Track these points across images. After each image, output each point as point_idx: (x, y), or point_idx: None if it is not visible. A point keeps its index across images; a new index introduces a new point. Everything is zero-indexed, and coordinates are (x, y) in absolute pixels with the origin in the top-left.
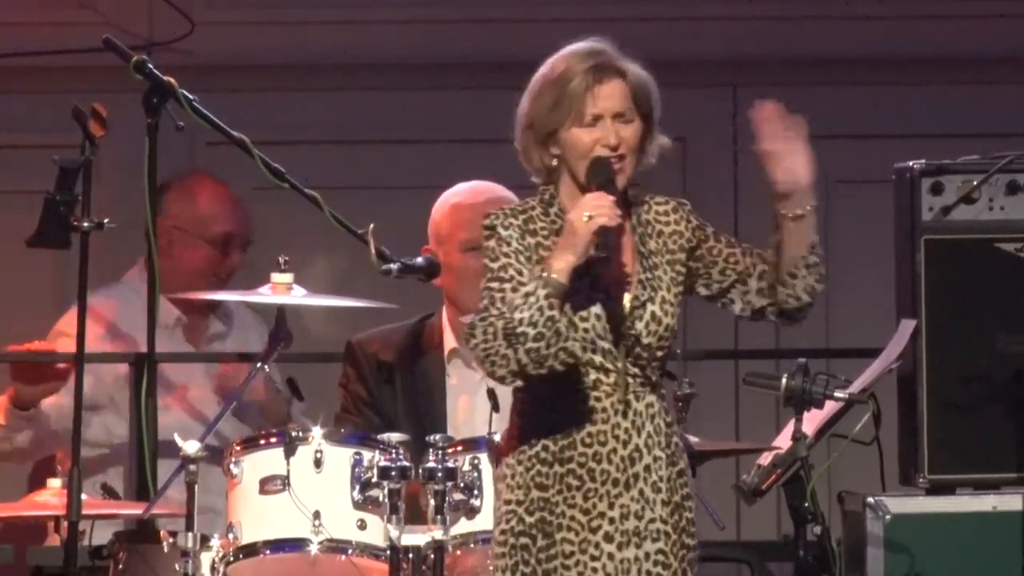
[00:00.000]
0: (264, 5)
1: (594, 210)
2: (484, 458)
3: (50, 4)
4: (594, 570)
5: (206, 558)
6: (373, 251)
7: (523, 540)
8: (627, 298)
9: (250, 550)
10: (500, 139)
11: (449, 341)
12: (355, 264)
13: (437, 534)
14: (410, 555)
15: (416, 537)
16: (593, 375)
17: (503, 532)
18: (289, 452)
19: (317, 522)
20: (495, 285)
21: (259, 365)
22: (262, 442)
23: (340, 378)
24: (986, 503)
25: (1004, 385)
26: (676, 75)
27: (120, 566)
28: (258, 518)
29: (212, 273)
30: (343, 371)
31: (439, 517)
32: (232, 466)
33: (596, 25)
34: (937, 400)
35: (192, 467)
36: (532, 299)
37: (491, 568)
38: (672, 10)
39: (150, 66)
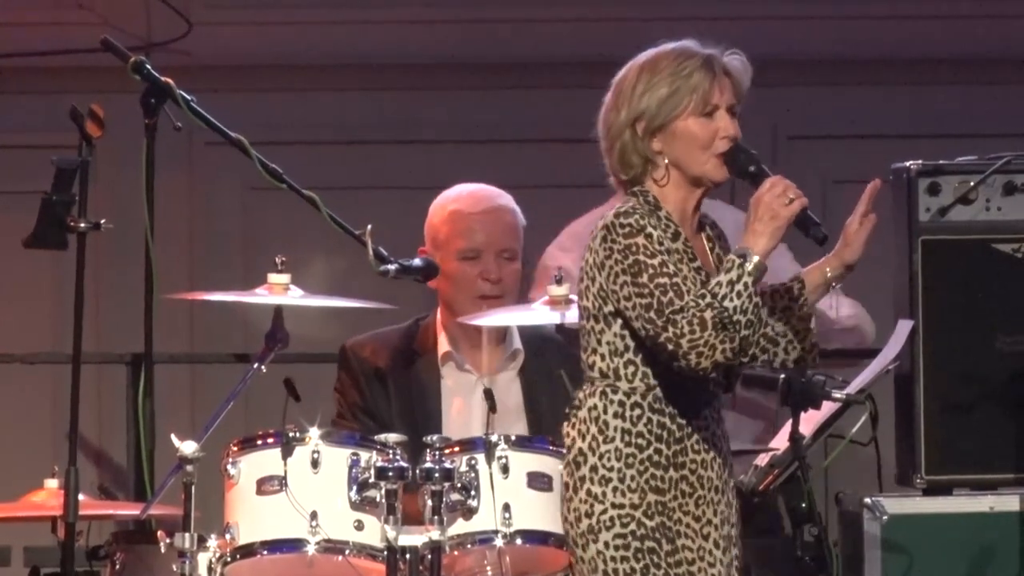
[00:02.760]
0: (262, 6)
1: (792, 191)
2: (481, 458)
3: (48, 4)
4: None
5: (203, 559)
6: (371, 252)
7: (649, 544)
8: None
9: (247, 551)
10: (498, 140)
11: (443, 344)
12: (353, 265)
13: (434, 535)
14: (407, 556)
15: (413, 538)
16: (703, 381)
17: (620, 536)
18: (286, 453)
19: (314, 523)
20: (665, 281)
21: (256, 366)
22: (259, 443)
23: (335, 383)
24: (983, 504)
25: (1001, 385)
26: None
27: (117, 567)
28: (255, 519)
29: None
30: (337, 376)
31: (436, 518)
32: (229, 467)
33: (589, 26)
34: (934, 401)
35: (189, 468)
36: (739, 286)
37: (611, 571)
38: (665, 10)
39: (148, 67)
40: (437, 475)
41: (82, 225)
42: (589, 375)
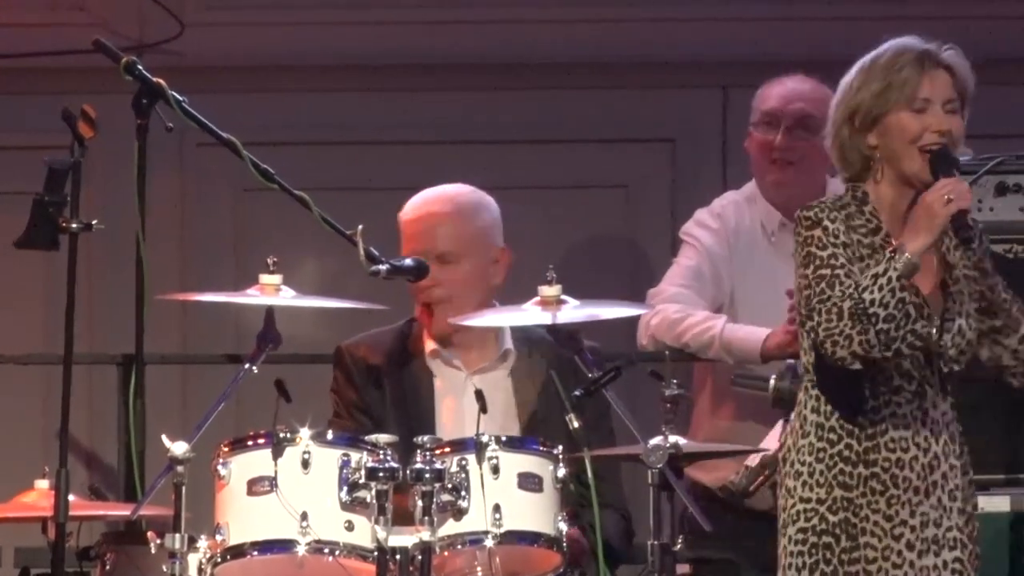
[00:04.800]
0: (254, 7)
1: (952, 193)
2: (472, 459)
3: (40, 5)
4: None
5: (193, 559)
6: (362, 252)
7: (826, 539)
8: (938, 308)
9: (237, 551)
10: (486, 140)
11: (430, 344)
12: (344, 265)
13: (424, 535)
14: (397, 556)
15: (404, 538)
16: (897, 380)
17: (802, 530)
18: (277, 453)
19: (304, 523)
20: (826, 272)
21: (247, 366)
22: (250, 443)
23: (331, 383)
24: None
25: (992, 387)
26: (665, 76)
27: (107, 567)
28: (246, 519)
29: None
30: (333, 376)
31: (426, 518)
32: (220, 467)
33: (587, 27)
34: None
35: (180, 468)
36: (883, 280)
37: (787, 565)
38: (661, 11)
39: (140, 67)
40: (428, 476)
41: (74, 226)
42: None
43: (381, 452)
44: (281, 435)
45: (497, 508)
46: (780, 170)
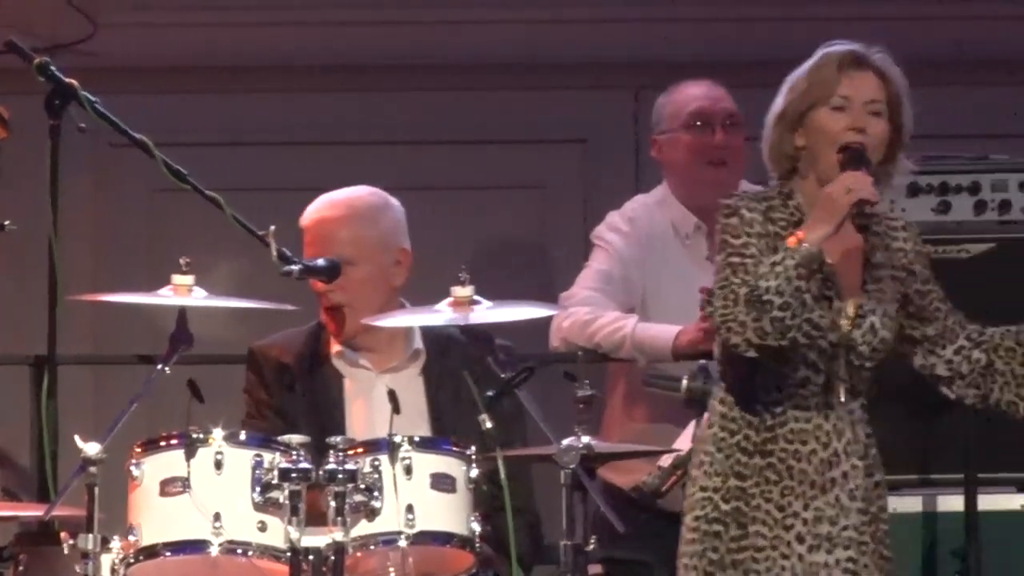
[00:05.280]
0: (167, 7)
1: (854, 184)
2: (385, 459)
3: None
4: (783, 568)
5: (106, 560)
6: (274, 253)
7: (716, 527)
8: (852, 304)
9: (150, 552)
10: (399, 141)
11: (335, 345)
12: (257, 266)
13: (337, 536)
14: (310, 557)
15: (317, 539)
16: (803, 371)
17: (696, 519)
18: (190, 454)
19: (217, 524)
20: (736, 260)
21: (160, 367)
22: (163, 444)
23: (244, 384)
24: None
25: (905, 387)
26: (577, 77)
27: (20, 568)
28: (158, 520)
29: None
30: (246, 377)
31: (339, 519)
32: (133, 468)
33: (500, 28)
34: None
35: (93, 469)
36: (779, 268)
37: (681, 552)
38: (573, 13)
39: (52, 68)
40: (341, 476)
41: None
42: None
43: (294, 453)
44: (194, 436)
45: (410, 508)
46: (716, 169)
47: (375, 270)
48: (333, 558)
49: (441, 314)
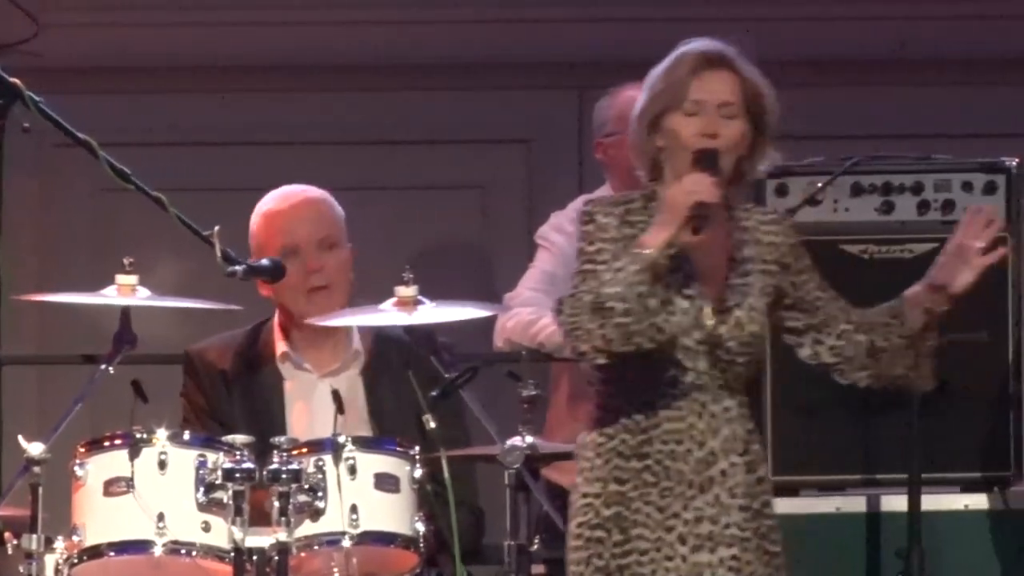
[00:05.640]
0: (111, 8)
1: (694, 186)
2: (329, 460)
3: None
4: (667, 570)
5: (50, 560)
6: (219, 253)
7: (598, 533)
8: (714, 300)
9: (94, 552)
10: (342, 142)
11: (281, 346)
12: (201, 266)
13: (281, 536)
14: (254, 557)
15: (260, 539)
16: (672, 371)
17: (579, 525)
18: (133, 454)
19: (161, 524)
20: (588, 267)
21: (103, 367)
22: (106, 444)
23: (181, 388)
24: (830, 504)
25: (849, 387)
26: (521, 77)
27: None
28: (102, 520)
29: None
30: (183, 381)
31: (283, 519)
32: (76, 468)
33: (443, 28)
34: (782, 401)
35: (36, 469)
36: (622, 274)
37: (568, 560)
38: (516, 12)
39: None
40: (284, 476)
41: None
42: None
43: (238, 453)
44: (138, 436)
45: (354, 509)
46: None
47: (348, 255)
48: (277, 558)
49: (385, 314)
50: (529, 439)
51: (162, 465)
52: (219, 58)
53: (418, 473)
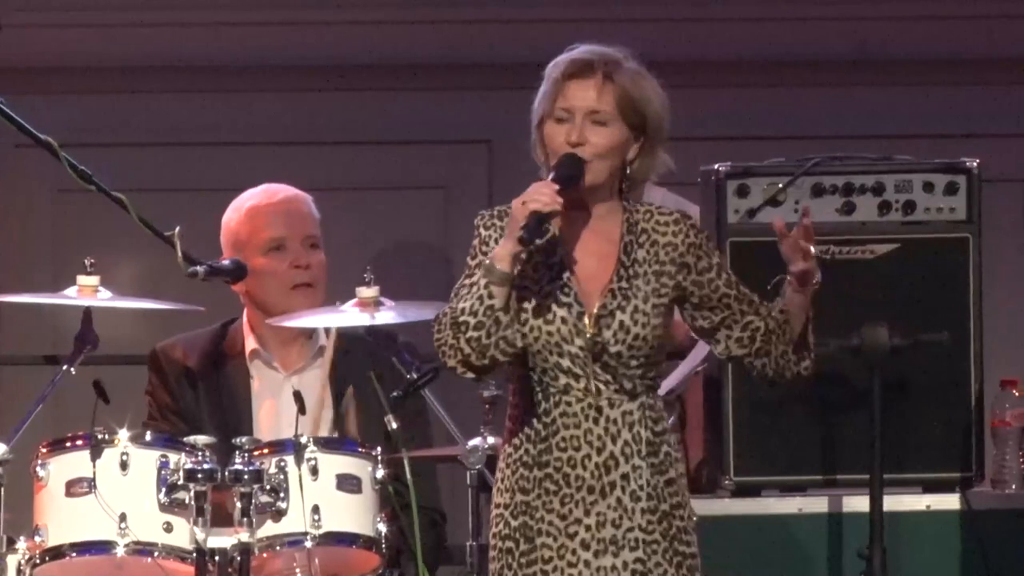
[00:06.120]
0: (72, 8)
1: (532, 195)
2: (290, 460)
3: None
4: None
5: (12, 560)
6: (180, 253)
7: (508, 544)
8: (595, 305)
9: (56, 552)
10: (303, 142)
11: (251, 343)
12: (162, 267)
13: (243, 536)
14: (216, 557)
15: (222, 539)
16: (563, 379)
17: (492, 536)
18: (95, 454)
19: (123, 524)
20: (466, 282)
21: (65, 367)
22: (68, 444)
23: (146, 386)
24: (792, 505)
25: (809, 387)
26: (481, 77)
27: None
28: (64, 520)
29: None
30: (148, 379)
31: (245, 519)
32: (39, 468)
33: (403, 28)
34: (743, 402)
35: None
36: (475, 288)
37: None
38: (476, 13)
39: None
40: (246, 477)
41: None
42: None
43: (199, 453)
44: (99, 436)
45: (316, 509)
46: None
47: (326, 261)
48: (239, 559)
49: (346, 314)
50: (491, 439)
51: (124, 466)
52: (180, 59)
53: (380, 473)
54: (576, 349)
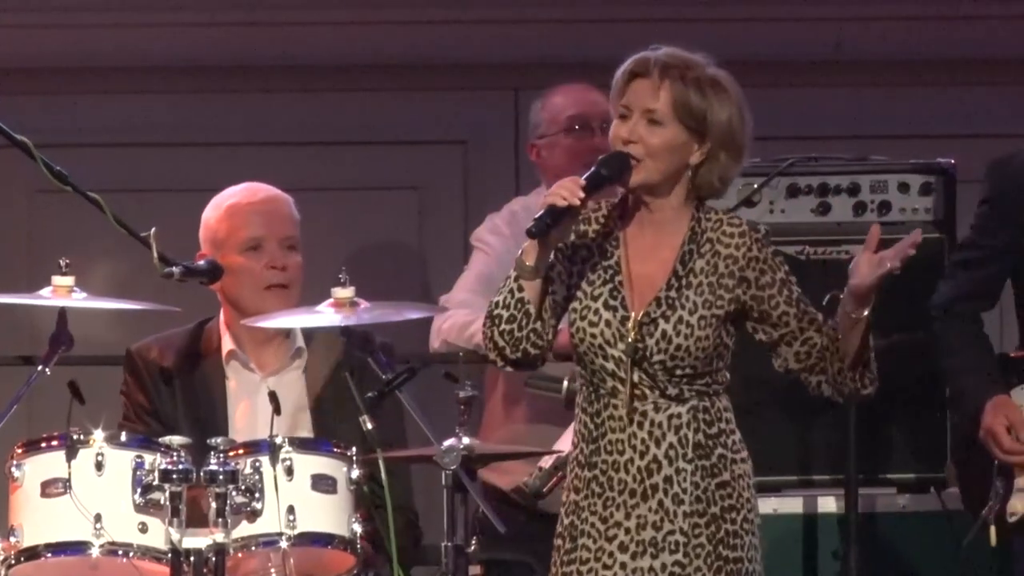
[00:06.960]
0: (46, 8)
1: (555, 189)
2: (266, 461)
3: None
4: None
5: None
6: (155, 254)
7: (558, 541)
8: (640, 311)
9: (31, 553)
10: (278, 142)
11: (227, 343)
12: (137, 267)
13: (218, 537)
14: (191, 558)
15: (197, 540)
16: (610, 383)
17: (555, 534)
18: (70, 455)
19: (98, 525)
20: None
21: (40, 368)
22: (43, 445)
23: (121, 386)
24: (767, 506)
25: (784, 388)
26: (456, 78)
27: None
28: (40, 521)
29: None
30: (124, 379)
31: (221, 520)
32: (13, 469)
33: (378, 28)
34: None
35: None
36: (508, 282)
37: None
38: (452, 13)
39: None
40: (222, 477)
41: None
42: None
43: (175, 454)
44: (74, 437)
45: (291, 510)
46: None
47: (302, 263)
48: (214, 559)
49: (322, 315)
50: (466, 440)
51: (99, 466)
52: (155, 59)
53: (355, 474)
54: (619, 353)
